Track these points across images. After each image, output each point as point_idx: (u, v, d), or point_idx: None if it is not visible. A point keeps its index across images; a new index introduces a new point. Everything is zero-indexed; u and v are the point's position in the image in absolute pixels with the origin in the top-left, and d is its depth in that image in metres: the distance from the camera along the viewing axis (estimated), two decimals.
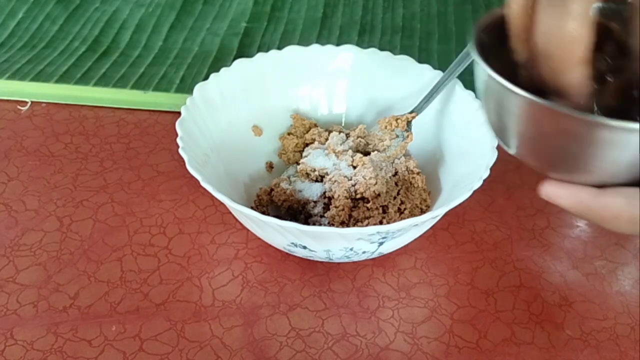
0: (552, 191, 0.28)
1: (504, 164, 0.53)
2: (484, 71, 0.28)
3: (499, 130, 0.30)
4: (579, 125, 0.25)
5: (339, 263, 0.45)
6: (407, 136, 0.48)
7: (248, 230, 0.45)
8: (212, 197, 0.40)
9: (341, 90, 0.53)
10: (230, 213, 0.46)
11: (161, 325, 0.41)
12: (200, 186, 0.39)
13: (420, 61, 0.51)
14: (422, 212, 0.45)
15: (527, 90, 0.26)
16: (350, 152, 0.46)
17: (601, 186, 0.27)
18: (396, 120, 0.48)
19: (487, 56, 0.28)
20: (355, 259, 0.42)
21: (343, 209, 0.43)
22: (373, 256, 0.42)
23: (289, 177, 0.47)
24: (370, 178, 0.43)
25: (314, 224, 0.44)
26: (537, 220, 0.49)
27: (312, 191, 0.45)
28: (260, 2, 0.72)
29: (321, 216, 0.44)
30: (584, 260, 0.46)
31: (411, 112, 0.48)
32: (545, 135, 0.26)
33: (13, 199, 0.49)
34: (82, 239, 0.46)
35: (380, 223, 0.43)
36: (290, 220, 0.41)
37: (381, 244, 0.40)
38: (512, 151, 0.30)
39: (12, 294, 0.43)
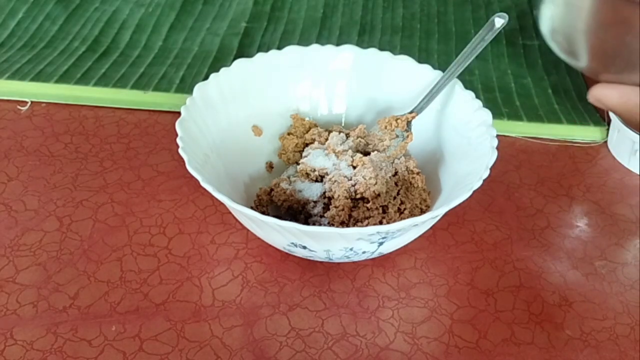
0: (602, 92, 0.29)
1: (504, 164, 0.54)
2: None
3: (558, 31, 0.30)
4: (634, 12, 0.25)
5: (338, 263, 0.45)
6: (407, 136, 0.48)
7: (248, 230, 0.45)
8: (212, 197, 0.40)
9: (341, 90, 0.53)
10: (230, 213, 0.46)
11: (161, 325, 0.41)
12: (200, 186, 0.39)
13: (420, 61, 0.51)
14: (422, 212, 0.45)
15: None
16: (350, 152, 0.46)
17: None
18: (396, 120, 0.48)
19: None
20: (355, 259, 0.42)
21: (343, 209, 0.43)
22: (373, 256, 0.42)
23: (289, 177, 0.47)
24: (370, 178, 0.43)
25: (314, 224, 0.44)
26: (537, 220, 0.49)
27: (312, 191, 0.45)
28: (260, 2, 0.72)
29: (321, 216, 0.44)
30: (584, 260, 0.46)
31: (411, 112, 0.48)
32: (604, 25, 0.27)
33: (13, 199, 0.49)
34: (82, 239, 0.46)
35: (380, 223, 0.43)
36: (290, 220, 0.41)
37: (381, 244, 0.40)
38: (572, 58, 0.30)
39: (12, 294, 0.43)
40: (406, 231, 0.40)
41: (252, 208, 0.43)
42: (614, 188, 0.52)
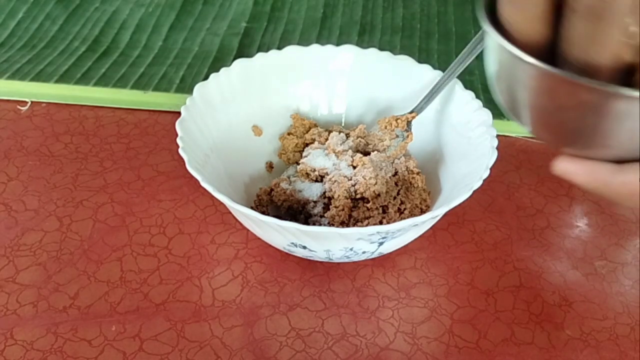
0: (568, 167, 0.27)
1: (504, 164, 0.54)
2: (494, 40, 0.26)
3: (511, 104, 0.28)
4: (597, 96, 0.24)
5: (339, 263, 0.45)
6: (407, 136, 0.48)
7: (248, 230, 0.45)
8: (212, 197, 0.40)
9: (341, 90, 0.53)
10: (230, 213, 0.46)
11: (161, 325, 0.41)
12: (200, 186, 0.39)
13: (420, 61, 0.51)
14: (422, 212, 0.45)
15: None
16: (350, 152, 0.46)
17: (619, 162, 0.26)
18: (396, 120, 0.48)
19: (497, 24, 0.27)
20: (355, 259, 0.42)
21: (343, 209, 0.43)
22: (373, 256, 0.42)
23: (289, 177, 0.47)
24: (370, 178, 0.43)
25: (314, 224, 0.44)
26: (537, 220, 0.49)
27: (312, 191, 0.45)
28: (260, 2, 0.72)
29: (321, 216, 0.44)
30: (584, 260, 0.46)
31: (411, 112, 0.48)
32: (560, 108, 0.25)
33: (13, 199, 0.49)
34: (82, 239, 0.46)
35: (380, 223, 0.43)
36: (290, 220, 0.41)
37: (381, 244, 0.40)
38: (525, 126, 0.28)
39: (12, 294, 0.43)
40: (406, 231, 0.40)
41: (252, 208, 0.43)
42: None
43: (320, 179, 0.46)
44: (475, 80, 0.62)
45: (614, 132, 0.25)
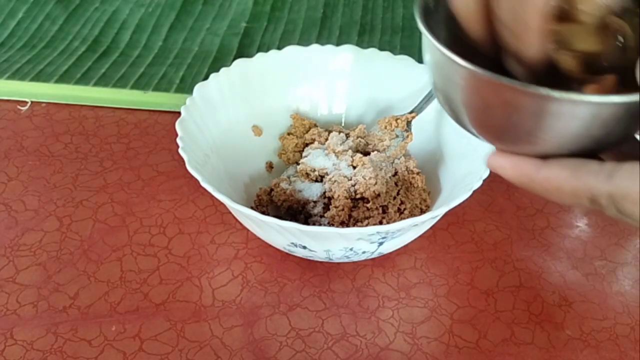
0: (497, 162, 0.28)
1: None
2: (428, 40, 0.27)
3: (445, 100, 0.29)
4: (519, 96, 0.24)
5: (339, 263, 0.45)
6: (407, 136, 0.48)
7: (248, 230, 0.45)
8: (212, 197, 0.40)
9: (341, 90, 0.53)
10: (230, 213, 0.46)
11: (161, 325, 0.41)
12: (200, 186, 0.39)
13: (420, 61, 0.51)
14: (422, 212, 0.45)
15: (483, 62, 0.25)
16: (350, 152, 0.46)
17: (546, 157, 0.27)
18: (396, 120, 0.48)
19: (432, 21, 0.28)
20: (355, 259, 0.42)
21: (343, 209, 0.43)
22: (373, 256, 0.42)
23: (289, 177, 0.47)
24: (370, 178, 0.43)
25: (314, 224, 0.44)
26: (537, 220, 0.49)
27: (312, 191, 0.45)
28: (260, 2, 0.72)
29: (321, 216, 0.44)
30: (584, 260, 0.46)
31: (411, 112, 0.48)
32: (487, 106, 0.26)
33: (13, 199, 0.49)
34: (82, 239, 0.46)
35: (380, 223, 0.43)
36: (290, 220, 0.41)
37: (381, 244, 0.40)
38: (458, 123, 0.29)
39: (12, 294, 0.43)
40: (406, 231, 0.40)
41: (252, 208, 0.43)
42: None
43: (320, 179, 0.46)
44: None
45: (536, 129, 0.25)
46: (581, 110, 0.24)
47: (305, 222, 0.45)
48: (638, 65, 0.24)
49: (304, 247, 0.40)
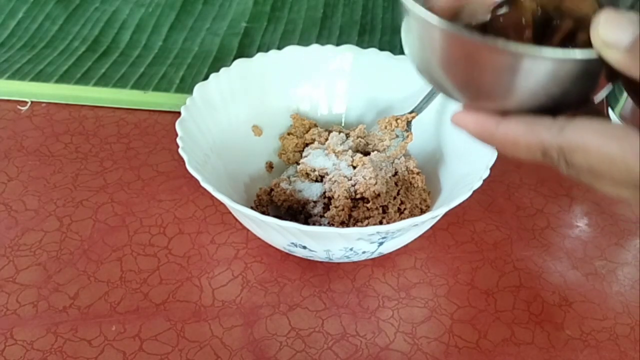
0: (460, 118, 0.29)
1: (504, 164, 0.53)
2: (400, 3, 0.28)
3: (413, 57, 0.30)
4: (478, 49, 0.25)
5: (339, 263, 0.45)
6: (407, 136, 0.48)
7: (248, 230, 0.45)
8: (212, 197, 0.40)
9: (341, 90, 0.53)
10: (230, 213, 0.46)
11: (161, 325, 0.41)
12: (200, 186, 0.39)
13: None
14: (422, 212, 0.45)
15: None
16: (350, 152, 0.46)
17: (507, 114, 0.28)
18: (396, 120, 0.48)
19: None
20: (355, 259, 0.42)
21: (343, 209, 0.43)
22: (373, 256, 0.42)
23: (289, 177, 0.47)
24: (370, 178, 0.43)
25: (314, 224, 0.44)
26: (537, 220, 0.49)
27: (312, 191, 0.45)
28: (260, 2, 0.72)
29: (321, 216, 0.44)
30: (584, 260, 0.46)
31: (411, 112, 0.48)
32: (451, 59, 0.26)
33: (13, 199, 0.49)
34: (82, 239, 0.46)
35: (380, 223, 0.43)
36: (290, 220, 0.41)
37: (381, 244, 0.40)
38: (425, 79, 0.30)
39: (12, 294, 0.43)
40: (406, 231, 0.40)
41: (252, 208, 0.43)
42: None
43: (320, 179, 0.46)
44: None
45: (494, 83, 0.26)
46: (537, 64, 0.25)
47: (305, 222, 0.45)
48: (595, 22, 0.24)
49: (304, 247, 0.40)
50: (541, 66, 0.24)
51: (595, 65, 0.24)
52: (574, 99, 0.26)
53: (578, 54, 0.24)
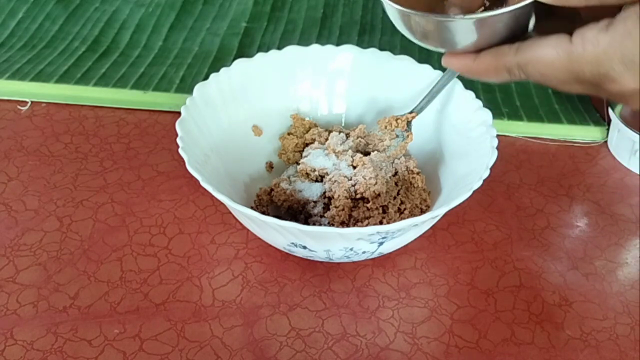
0: (448, 60, 0.36)
1: (504, 164, 0.54)
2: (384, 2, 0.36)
3: (401, 31, 0.37)
4: (433, 22, 0.34)
5: (339, 263, 0.45)
6: (407, 136, 0.48)
7: (248, 230, 0.45)
8: (212, 197, 0.40)
9: (341, 90, 0.53)
10: (230, 213, 0.46)
11: (161, 325, 0.41)
12: (200, 186, 0.39)
13: (420, 61, 0.51)
14: (422, 212, 0.45)
15: None
16: (350, 152, 0.46)
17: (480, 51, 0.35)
18: (396, 120, 0.48)
19: None
20: (355, 259, 0.42)
21: (343, 209, 0.43)
22: (373, 256, 0.42)
23: (289, 177, 0.47)
24: (370, 178, 0.43)
25: (314, 224, 0.44)
26: (537, 220, 0.49)
27: (312, 191, 0.45)
28: (260, 2, 0.72)
29: (321, 216, 0.44)
30: (584, 260, 0.46)
31: (411, 112, 0.48)
32: (427, 31, 0.35)
33: (13, 199, 0.49)
34: (82, 239, 0.46)
35: (380, 223, 0.43)
36: (290, 220, 0.41)
37: (381, 244, 0.40)
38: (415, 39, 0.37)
39: (12, 294, 0.43)
40: (406, 231, 0.40)
41: (252, 208, 0.43)
42: (614, 188, 0.52)
43: (320, 179, 0.46)
44: (475, 80, 0.62)
45: (457, 40, 0.35)
46: (472, 25, 0.33)
47: (306, 222, 0.45)
48: None
49: (304, 247, 0.40)
50: (474, 25, 0.33)
51: (530, 6, 0.32)
52: (516, 33, 0.34)
53: (504, 9, 0.32)
